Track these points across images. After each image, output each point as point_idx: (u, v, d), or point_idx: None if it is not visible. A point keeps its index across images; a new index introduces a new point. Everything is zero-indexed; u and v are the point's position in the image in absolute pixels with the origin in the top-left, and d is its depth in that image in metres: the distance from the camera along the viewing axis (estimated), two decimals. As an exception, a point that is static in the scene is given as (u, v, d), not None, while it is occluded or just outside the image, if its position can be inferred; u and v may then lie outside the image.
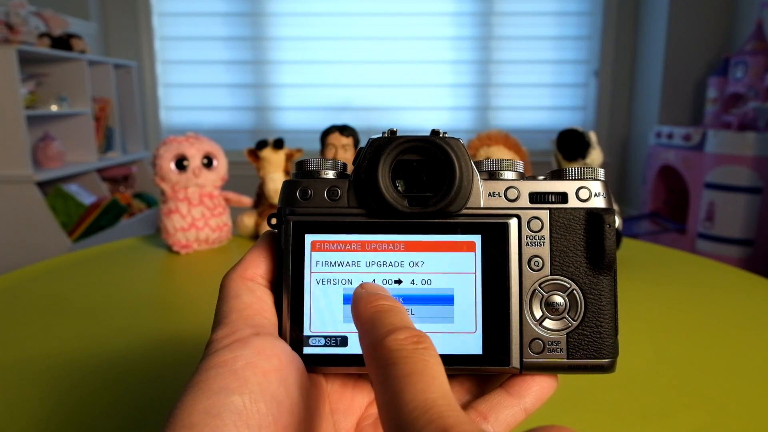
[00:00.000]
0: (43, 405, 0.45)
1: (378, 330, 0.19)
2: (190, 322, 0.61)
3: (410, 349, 0.18)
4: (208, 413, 0.19)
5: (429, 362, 0.18)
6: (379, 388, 0.18)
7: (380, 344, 0.19)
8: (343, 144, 0.90)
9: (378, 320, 0.20)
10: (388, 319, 0.20)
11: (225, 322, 0.23)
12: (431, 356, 0.18)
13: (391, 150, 0.24)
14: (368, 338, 0.20)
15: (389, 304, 0.21)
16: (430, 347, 0.19)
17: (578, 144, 0.85)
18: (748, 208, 2.23)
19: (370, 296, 0.21)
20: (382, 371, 0.18)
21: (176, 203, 0.88)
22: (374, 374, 0.19)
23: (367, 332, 0.20)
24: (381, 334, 0.19)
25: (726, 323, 0.62)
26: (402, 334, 0.19)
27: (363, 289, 0.22)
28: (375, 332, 0.19)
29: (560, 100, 3.22)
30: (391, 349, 0.18)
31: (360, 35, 3.12)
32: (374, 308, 0.21)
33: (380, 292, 0.22)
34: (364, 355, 0.20)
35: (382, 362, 0.18)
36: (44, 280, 0.76)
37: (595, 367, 0.25)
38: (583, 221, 0.25)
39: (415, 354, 0.18)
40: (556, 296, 0.25)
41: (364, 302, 0.21)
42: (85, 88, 2.44)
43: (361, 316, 0.21)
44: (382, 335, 0.19)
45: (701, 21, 2.88)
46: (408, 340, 0.19)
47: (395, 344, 0.19)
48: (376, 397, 0.18)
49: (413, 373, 0.17)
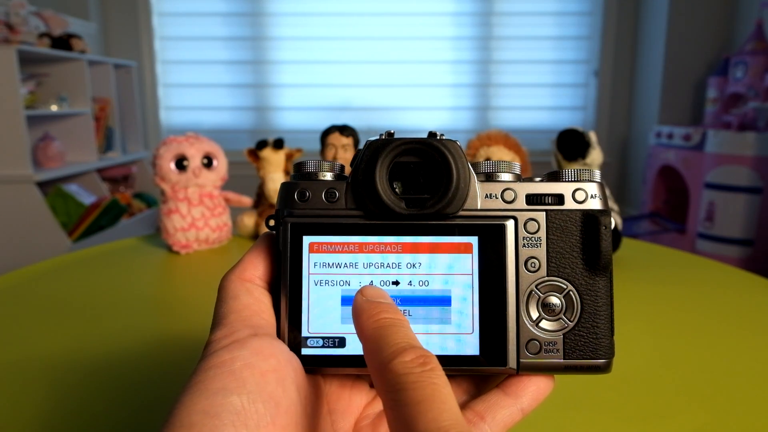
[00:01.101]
0: (43, 405, 0.45)
1: (384, 351, 0.20)
2: (190, 322, 0.61)
3: (418, 373, 0.19)
4: (207, 413, 0.19)
5: (437, 385, 0.18)
6: (391, 415, 0.19)
7: (387, 368, 0.19)
8: (343, 144, 0.91)
9: (382, 339, 0.20)
10: (391, 338, 0.20)
11: (223, 323, 0.23)
12: (438, 378, 0.19)
13: (389, 152, 0.24)
14: (375, 358, 0.20)
15: (391, 317, 0.21)
16: (436, 368, 0.19)
17: (578, 144, 0.85)
18: (748, 208, 2.23)
19: (372, 308, 0.22)
20: (393, 396, 0.19)
21: (176, 203, 0.88)
22: (384, 398, 0.19)
23: (373, 351, 0.20)
24: (387, 356, 0.20)
25: (726, 323, 0.62)
26: (408, 356, 0.19)
27: (363, 297, 0.22)
28: (381, 353, 0.20)
29: (560, 100, 3.22)
30: (398, 374, 0.19)
31: (360, 35, 3.12)
32: (377, 324, 0.21)
33: (381, 300, 0.22)
34: (372, 375, 0.20)
35: (391, 387, 0.19)
36: (44, 280, 0.77)
37: (592, 368, 0.25)
38: (580, 223, 0.25)
39: (423, 377, 0.18)
40: (552, 297, 0.25)
41: (366, 316, 0.21)
42: (85, 88, 2.44)
43: (364, 332, 0.21)
44: (388, 357, 0.19)
45: (701, 21, 2.88)
46: (415, 362, 0.19)
47: (402, 368, 0.19)
48: (389, 422, 0.19)
49: (423, 401, 0.18)
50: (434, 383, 0.18)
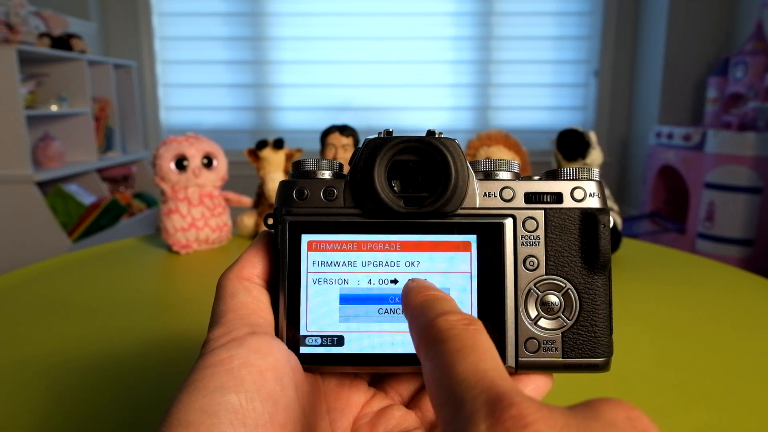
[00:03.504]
0: (42, 405, 0.45)
1: (429, 313, 0.19)
2: (190, 322, 0.61)
3: (461, 328, 0.18)
4: (204, 412, 0.19)
5: (480, 339, 0.18)
6: (429, 364, 0.18)
7: (431, 324, 0.19)
8: (343, 144, 0.90)
9: (428, 306, 0.20)
10: (438, 304, 0.20)
11: (221, 321, 0.23)
12: (482, 335, 0.18)
13: (387, 150, 0.24)
14: (418, 322, 0.20)
15: (440, 294, 0.21)
16: (481, 329, 0.18)
17: (578, 144, 0.85)
18: (748, 208, 2.23)
19: (421, 287, 0.21)
20: (433, 347, 0.18)
21: (176, 203, 0.88)
22: (424, 352, 0.19)
23: (417, 318, 0.20)
24: (432, 315, 0.19)
25: (726, 323, 0.62)
26: (453, 316, 0.19)
27: (413, 283, 0.22)
28: (425, 315, 0.19)
29: (560, 100, 3.22)
30: (442, 329, 0.18)
31: (360, 35, 3.12)
32: (425, 296, 0.20)
33: (430, 285, 0.22)
34: (414, 340, 0.20)
35: (433, 339, 0.18)
36: (44, 280, 0.77)
37: (590, 366, 0.25)
38: (578, 221, 0.25)
39: (467, 332, 0.18)
40: (551, 296, 0.25)
41: (414, 292, 0.21)
42: (85, 88, 2.44)
43: (411, 304, 0.21)
44: (433, 317, 0.19)
45: (701, 21, 2.88)
46: (460, 321, 0.19)
47: (446, 324, 0.18)
48: (425, 374, 0.18)
49: (464, 348, 0.17)
50: (477, 337, 0.18)
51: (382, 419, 0.25)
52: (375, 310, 0.25)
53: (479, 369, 0.16)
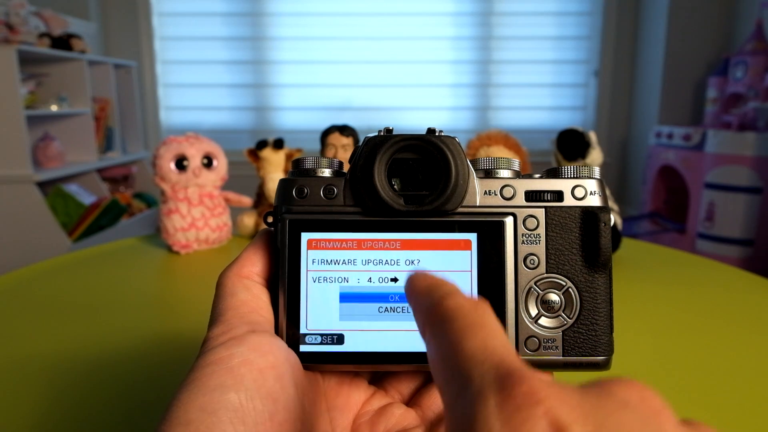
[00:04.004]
0: (42, 404, 0.45)
1: (435, 294, 0.18)
2: (190, 322, 0.61)
3: (469, 308, 0.17)
4: (204, 410, 0.19)
5: (489, 318, 0.17)
6: (434, 343, 0.17)
7: (438, 303, 0.18)
8: (343, 144, 0.90)
9: (434, 288, 0.19)
10: (445, 287, 0.19)
11: (221, 319, 0.23)
12: (490, 315, 0.17)
13: (387, 148, 0.24)
14: (424, 304, 0.18)
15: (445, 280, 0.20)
16: (489, 310, 0.17)
17: (578, 144, 0.85)
18: (748, 208, 2.23)
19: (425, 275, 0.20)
20: (440, 327, 0.17)
21: (176, 203, 0.88)
22: (429, 333, 0.18)
23: (423, 301, 0.19)
24: (438, 296, 0.18)
25: (726, 323, 0.62)
26: (461, 297, 0.18)
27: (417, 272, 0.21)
28: (432, 296, 0.18)
29: (560, 100, 3.22)
30: (449, 308, 0.17)
31: (360, 35, 3.12)
32: (431, 281, 0.19)
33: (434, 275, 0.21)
34: (418, 323, 0.19)
35: (440, 319, 0.17)
36: (44, 280, 0.76)
37: (591, 365, 0.25)
38: (579, 219, 0.25)
39: (475, 311, 0.17)
40: (551, 294, 0.25)
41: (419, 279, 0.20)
42: (85, 88, 2.44)
43: (416, 289, 0.19)
44: (439, 297, 0.18)
45: (701, 21, 2.88)
46: (468, 302, 0.17)
47: (454, 303, 0.17)
48: (430, 354, 0.17)
49: (473, 325, 0.16)
50: (485, 317, 0.17)
51: (382, 417, 0.25)
52: (375, 309, 0.25)
53: (488, 345, 0.16)
